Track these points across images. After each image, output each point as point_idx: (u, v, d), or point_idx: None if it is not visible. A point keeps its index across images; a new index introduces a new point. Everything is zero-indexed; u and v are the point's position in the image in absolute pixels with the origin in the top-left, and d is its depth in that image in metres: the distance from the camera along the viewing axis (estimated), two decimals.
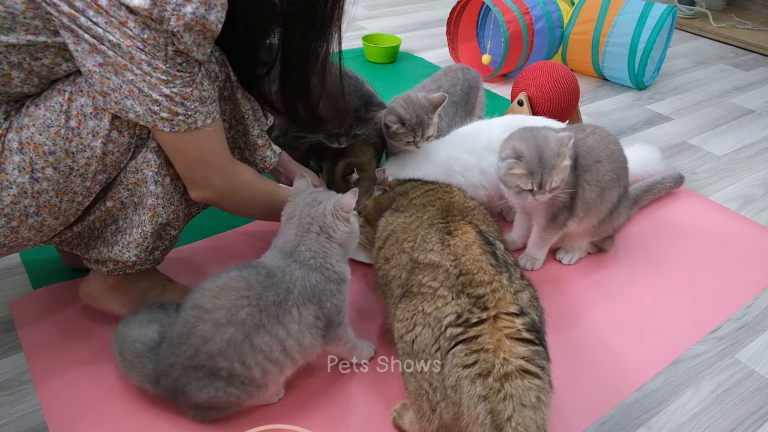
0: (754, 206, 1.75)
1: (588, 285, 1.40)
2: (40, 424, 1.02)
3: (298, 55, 1.06)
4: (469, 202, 1.12)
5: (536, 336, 0.86)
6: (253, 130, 1.12)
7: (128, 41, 0.83)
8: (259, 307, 0.94)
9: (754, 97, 2.47)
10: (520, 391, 0.80)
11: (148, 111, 0.89)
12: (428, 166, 1.45)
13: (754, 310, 1.36)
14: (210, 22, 0.85)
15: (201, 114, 0.93)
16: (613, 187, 1.36)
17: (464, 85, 1.71)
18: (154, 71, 0.86)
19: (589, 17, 2.36)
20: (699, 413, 1.12)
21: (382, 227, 1.14)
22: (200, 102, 0.92)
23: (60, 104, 0.90)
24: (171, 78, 0.87)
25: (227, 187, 1.04)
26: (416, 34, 2.88)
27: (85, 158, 0.93)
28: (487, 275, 0.90)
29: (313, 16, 1.02)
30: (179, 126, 0.91)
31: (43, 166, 0.91)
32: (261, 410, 1.05)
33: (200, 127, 0.94)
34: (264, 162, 1.17)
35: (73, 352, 1.13)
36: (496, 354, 0.82)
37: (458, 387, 0.83)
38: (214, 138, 0.98)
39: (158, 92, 0.87)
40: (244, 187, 1.07)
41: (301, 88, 1.11)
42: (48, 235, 1.00)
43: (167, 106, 0.89)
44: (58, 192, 0.94)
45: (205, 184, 1.02)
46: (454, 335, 0.85)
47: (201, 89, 0.92)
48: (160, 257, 1.11)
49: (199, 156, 0.98)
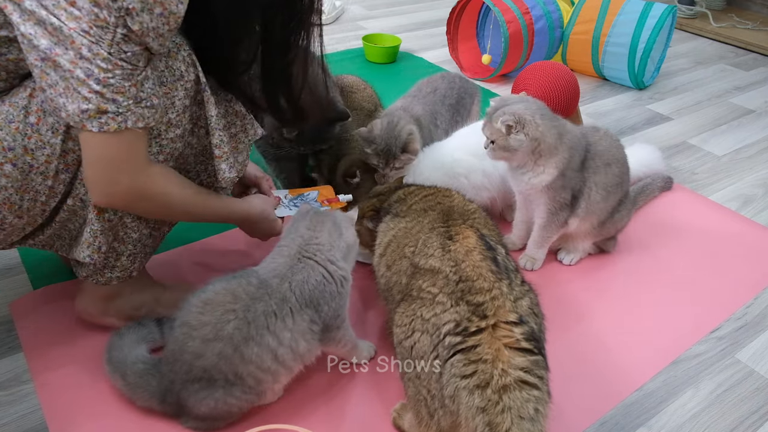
0: (754, 206, 1.75)
1: (588, 285, 1.40)
2: (40, 424, 1.02)
3: (278, 47, 1.03)
4: (469, 205, 1.12)
5: (535, 345, 0.86)
6: (213, 138, 1.04)
7: (73, 23, 0.77)
8: (247, 320, 0.94)
9: (754, 97, 2.47)
10: (518, 403, 0.80)
11: (77, 109, 0.82)
12: (431, 169, 1.44)
13: (754, 310, 1.36)
14: (170, 1, 0.80)
15: (133, 114, 0.85)
16: (616, 191, 1.36)
17: (460, 91, 1.70)
18: (94, 57, 0.78)
19: (589, 17, 2.36)
20: (699, 413, 1.12)
21: (382, 233, 1.13)
22: (135, 101, 0.84)
23: (22, 99, 0.89)
24: (111, 66, 0.80)
25: (135, 193, 0.93)
26: (416, 34, 2.88)
27: (44, 155, 0.91)
28: (486, 282, 0.90)
29: (292, 8, 0.99)
30: (108, 125, 0.83)
31: (2, 162, 0.89)
32: (261, 410, 1.04)
33: (130, 128, 0.85)
34: (216, 174, 1.07)
35: (73, 352, 1.13)
36: (495, 365, 0.82)
37: (456, 397, 0.83)
38: (138, 142, 0.90)
39: (87, 88, 0.80)
40: (156, 195, 0.97)
41: (282, 80, 1.08)
42: (15, 234, 0.98)
43: (96, 103, 0.81)
44: (17, 189, 0.91)
45: (112, 190, 0.91)
46: (452, 344, 0.85)
47: (139, 89, 0.85)
48: (129, 264, 1.07)
49: (118, 157, 0.88)
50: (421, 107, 1.58)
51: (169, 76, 0.93)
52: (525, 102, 1.30)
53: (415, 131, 1.43)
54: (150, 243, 1.10)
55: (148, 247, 1.10)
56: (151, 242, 1.10)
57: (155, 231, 1.10)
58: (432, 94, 1.64)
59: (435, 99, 1.63)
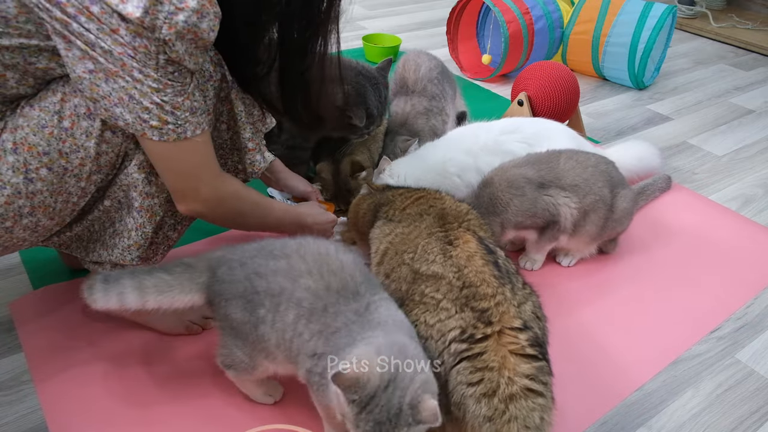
0: (754, 206, 1.75)
1: (588, 285, 1.40)
2: (40, 424, 1.02)
3: (295, 52, 1.05)
4: (460, 206, 1.12)
5: (539, 351, 0.86)
6: (245, 133, 1.11)
7: (120, 48, 0.82)
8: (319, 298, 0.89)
9: (754, 97, 2.47)
10: (524, 413, 0.81)
11: (137, 119, 0.88)
12: (423, 168, 1.44)
13: (754, 310, 1.36)
14: (202, 30, 0.84)
15: (191, 124, 0.92)
16: (597, 208, 1.34)
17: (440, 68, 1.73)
18: (146, 79, 0.85)
19: (589, 17, 2.36)
20: (699, 413, 1.12)
21: (377, 240, 1.12)
22: (191, 112, 0.91)
23: (54, 104, 0.90)
24: (162, 86, 0.86)
25: (215, 199, 1.02)
26: (416, 34, 2.88)
27: (79, 158, 0.93)
28: (490, 288, 0.90)
29: (310, 13, 1.01)
30: (168, 135, 0.90)
31: (38, 166, 0.91)
32: (261, 410, 1.05)
33: (189, 138, 0.92)
34: (252, 166, 1.15)
35: (73, 352, 1.13)
36: (501, 373, 0.83)
37: (463, 405, 0.83)
38: (203, 149, 0.97)
39: (149, 100, 0.86)
40: (232, 199, 1.06)
41: (299, 85, 1.11)
42: (44, 235, 0.99)
43: (157, 114, 0.88)
44: (52, 192, 0.93)
45: (193, 196, 1.00)
46: (458, 351, 0.85)
47: (192, 99, 0.91)
48: (160, 259, 1.11)
49: (188, 167, 0.96)
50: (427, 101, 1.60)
51: (200, 78, 0.96)
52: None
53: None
54: (173, 235, 1.12)
55: (171, 239, 1.12)
56: (174, 234, 1.12)
57: (179, 224, 1.11)
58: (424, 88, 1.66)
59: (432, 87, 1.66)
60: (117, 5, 0.79)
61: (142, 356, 1.14)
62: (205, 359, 1.14)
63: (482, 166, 1.43)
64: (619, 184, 1.38)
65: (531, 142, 1.49)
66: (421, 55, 1.75)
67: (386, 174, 1.44)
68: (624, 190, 1.38)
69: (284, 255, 0.94)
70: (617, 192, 1.36)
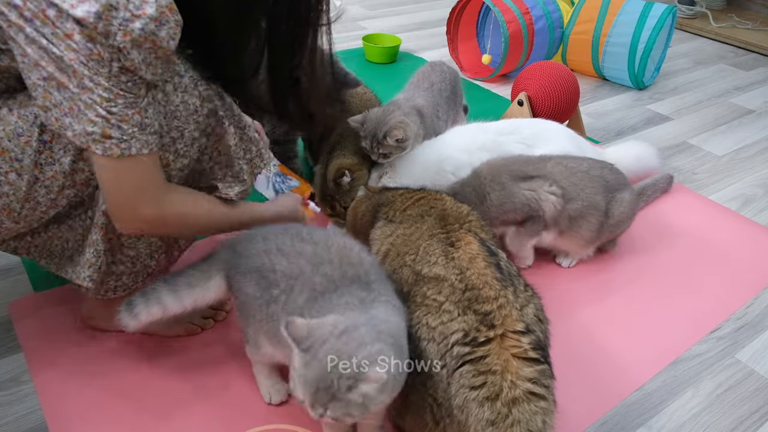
0: (754, 206, 1.75)
1: (588, 285, 1.40)
2: (39, 424, 1.02)
3: (284, 50, 1.03)
4: (461, 207, 1.11)
5: (542, 354, 0.86)
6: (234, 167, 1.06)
7: (72, 54, 0.79)
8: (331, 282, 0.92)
9: (754, 97, 2.47)
10: (527, 416, 0.81)
11: (83, 131, 0.83)
12: (419, 167, 1.43)
13: (754, 310, 1.36)
14: (161, 39, 0.81)
15: (137, 141, 0.86)
16: (587, 215, 1.33)
17: (451, 78, 1.71)
18: (96, 87, 0.80)
19: (589, 17, 2.37)
20: (699, 413, 1.12)
21: (378, 241, 1.11)
22: (140, 128, 0.86)
23: (35, 116, 0.88)
24: (113, 96, 0.82)
25: (156, 220, 0.95)
26: (416, 34, 2.88)
27: (52, 171, 0.91)
28: (493, 290, 0.90)
29: (298, 10, 0.99)
30: (111, 150, 0.84)
31: (7, 170, 0.89)
32: (261, 410, 1.05)
33: (134, 155, 0.86)
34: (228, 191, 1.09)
35: (73, 352, 1.13)
36: (504, 376, 0.83)
37: (465, 408, 0.83)
38: (148, 168, 0.90)
39: (94, 112, 0.82)
40: (176, 217, 0.99)
41: (289, 84, 1.08)
42: (8, 235, 0.97)
43: (101, 127, 0.83)
44: (19, 198, 0.91)
45: (131, 216, 0.93)
46: (461, 354, 0.85)
47: (143, 115, 0.86)
48: (131, 283, 1.08)
49: (128, 185, 0.90)
50: (423, 99, 1.58)
51: (183, 111, 0.94)
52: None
53: (407, 122, 1.42)
54: (152, 264, 1.09)
55: (150, 268, 1.09)
56: (153, 263, 1.09)
57: (156, 253, 1.08)
58: (430, 88, 1.64)
59: (434, 92, 1.64)
60: (69, 9, 0.76)
61: (142, 357, 1.14)
62: (204, 360, 1.14)
63: (477, 164, 1.42)
64: (617, 188, 1.37)
65: (529, 142, 1.48)
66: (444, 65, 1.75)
67: (387, 178, 1.43)
68: (623, 193, 1.37)
69: (312, 241, 0.96)
70: (614, 196, 1.36)
